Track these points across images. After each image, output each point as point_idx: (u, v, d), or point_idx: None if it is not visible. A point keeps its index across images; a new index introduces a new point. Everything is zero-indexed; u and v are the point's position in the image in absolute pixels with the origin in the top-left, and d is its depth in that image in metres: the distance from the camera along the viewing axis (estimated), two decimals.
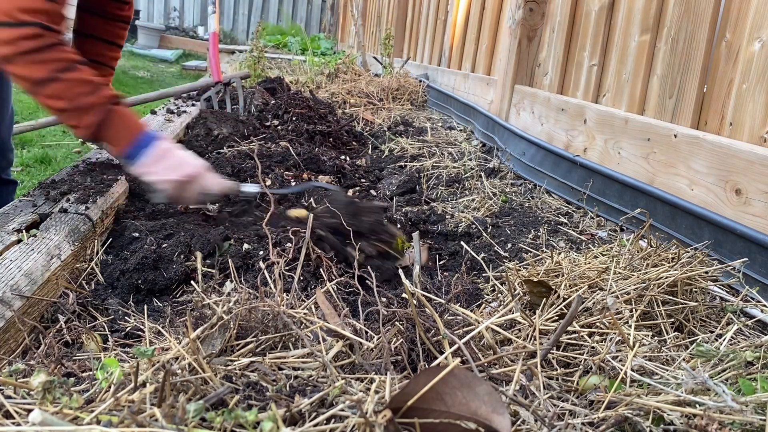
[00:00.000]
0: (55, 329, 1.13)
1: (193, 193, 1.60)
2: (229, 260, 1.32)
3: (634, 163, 1.81)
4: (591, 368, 0.96)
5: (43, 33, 1.51)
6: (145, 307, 1.23)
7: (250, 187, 1.73)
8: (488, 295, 1.35)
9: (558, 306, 1.13)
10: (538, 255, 1.51)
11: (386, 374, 0.84)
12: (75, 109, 1.53)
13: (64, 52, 1.53)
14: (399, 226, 1.78)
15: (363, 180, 2.34)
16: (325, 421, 0.74)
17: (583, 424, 0.81)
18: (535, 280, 1.19)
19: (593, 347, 1.02)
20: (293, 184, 2.03)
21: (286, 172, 2.21)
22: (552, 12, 2.59)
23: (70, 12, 1.74)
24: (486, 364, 0.93)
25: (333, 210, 1.45)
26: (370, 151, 2.92)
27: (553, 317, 1.11)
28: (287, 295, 1.09)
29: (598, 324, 1.08)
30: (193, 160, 1.61)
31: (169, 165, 1.56)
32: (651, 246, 1.34)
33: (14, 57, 1.50)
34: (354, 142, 3.04)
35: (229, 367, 0.88)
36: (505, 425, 0.71)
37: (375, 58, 5.46)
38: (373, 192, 2.21)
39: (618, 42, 2.08)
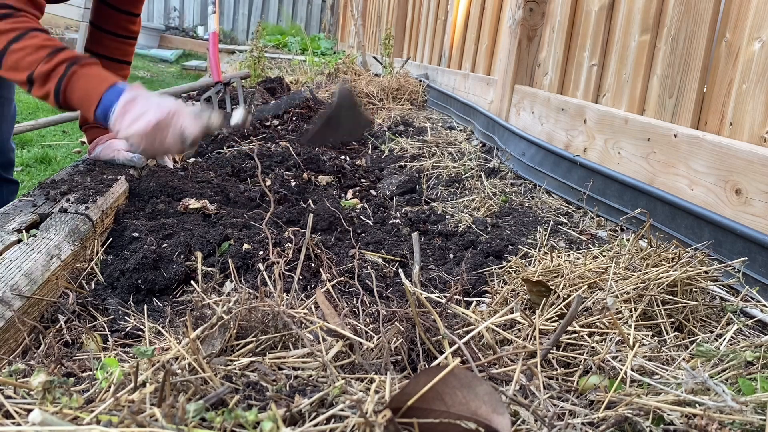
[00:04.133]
0: (55, 329, 1.13)
1: (169, 142, 1.42)
2: (229, 260, 1.32)
3: (634, 163, 1.81)
4: (591, 368, 0.96)
5: None
6: (145, 307, 1.23)
7: (237, 116, 1.51)
8: (489, 295, 1.35)
9: (558, 306, 1.13)
10: (530, 254, 1.51)
11: (386, 374, 0.84)
12: (36, 79, 1.39)
13: (18, 21, 1.38)
14: (399, 223, 1.78)
15: (363, 180, 2.34)
16: (325, 421, 0.74)
17: (583, 424, 0.81)
18: (534, 279, 1.19)
19: (593, 347, 1.02)
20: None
21: (286, 172, 2.21)
22: (552, 12, 2.59)
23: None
24: (486, 364, 0.93)
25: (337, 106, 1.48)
26: (370, 151, 2.91)
27: (553, 317, 1.11)
28: (287, 295, 1.09)
29: (598, 324, 1.08)
30: (159, 104, 1.41)
31: (132, 117, 1.38)
32: (651, 246, 1.34)
33: None
34: (354, 142, 3.04)
35: (229, 367, 0.88)
36: (505, 425, 0.71)
37: (375, 58, 5.46)
38: (373, 192, 2.21)
39: (618, 42, 2.08)
